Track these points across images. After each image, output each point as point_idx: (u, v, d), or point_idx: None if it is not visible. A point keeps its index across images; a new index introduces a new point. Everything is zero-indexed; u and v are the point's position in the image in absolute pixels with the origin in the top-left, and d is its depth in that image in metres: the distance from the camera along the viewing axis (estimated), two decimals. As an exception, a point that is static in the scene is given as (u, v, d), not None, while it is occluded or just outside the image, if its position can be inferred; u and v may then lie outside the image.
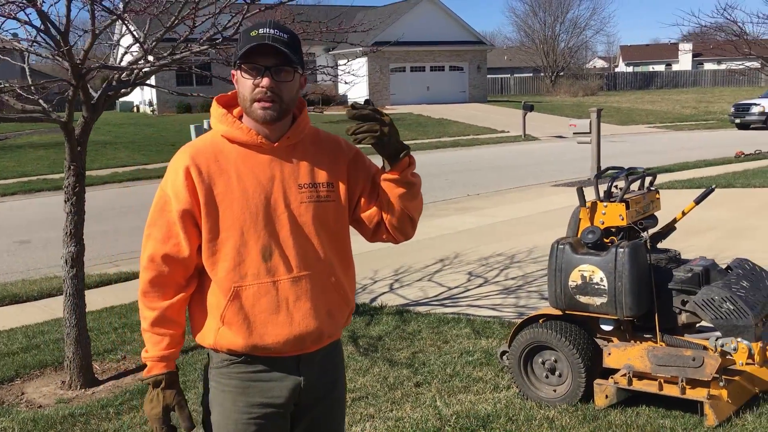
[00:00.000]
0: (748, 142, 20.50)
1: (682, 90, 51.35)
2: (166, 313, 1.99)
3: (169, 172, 1.99)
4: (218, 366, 2.01)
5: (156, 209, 1.99)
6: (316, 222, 1.99)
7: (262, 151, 1.98)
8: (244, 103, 1.95)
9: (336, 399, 2.13)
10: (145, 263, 2.00)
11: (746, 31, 12.57)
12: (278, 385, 1.99)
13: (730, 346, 3.40)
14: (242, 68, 1.92)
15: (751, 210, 9.50)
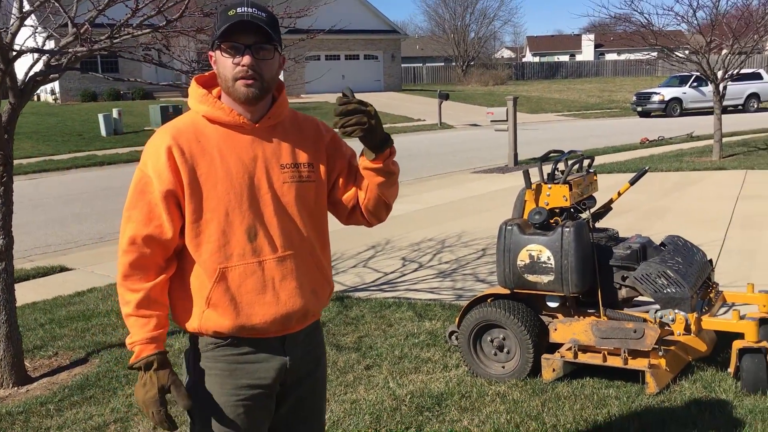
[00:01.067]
0: (650, 128, 21.57)
1: (585, 80, 53.32)
2: (150, 294, 1.94)
3: (148, 152, 1.95)
4: (203, 350, 1.99)
5: (136, 191, 1.95)
6: (299, 202, 2.00)
7: (243, 131, 1.97)
8: (226, 82, 1.93)
9: (319, 378, 2.15)
10: (125, 246, 1.95)
11: (652, 22, 13.17)
12: (265, 366, 1.99)
13: (669, 317, 3.61)
14: (222, 47, 1.91)
15: (662, 193, 10.03)
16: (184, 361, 2.08)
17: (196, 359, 2.00)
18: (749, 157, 13.32)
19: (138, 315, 1.94)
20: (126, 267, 1.95)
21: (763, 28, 13.11)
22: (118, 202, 11.21)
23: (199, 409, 2.00)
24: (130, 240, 1.94)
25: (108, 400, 3.97)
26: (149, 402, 1.92)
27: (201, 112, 1.97)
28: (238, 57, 1.89)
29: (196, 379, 2.00)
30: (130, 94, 34.30)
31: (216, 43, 1.92)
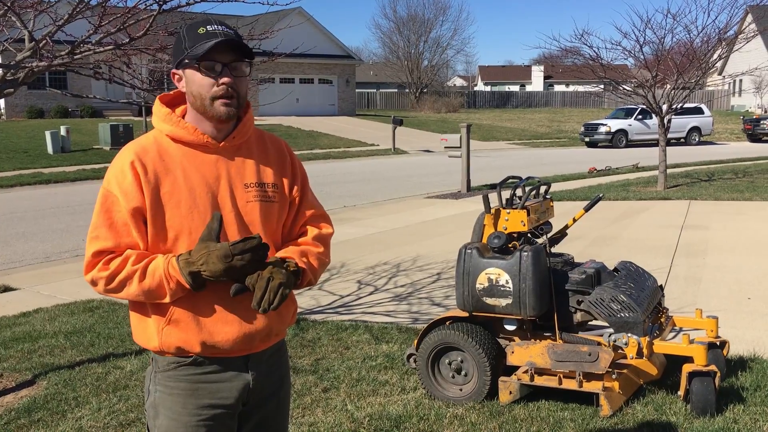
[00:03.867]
0: (598, 158, 22.15)
1: (535, 109, 54.54)
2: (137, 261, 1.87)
3: (113, 171, 1.93)
4: (165, 369, 1.97)
5: (102, 211, 1.92)
6: (263, 221, 2.00)
7: (207, 150, 1.96)
8: (201, 101, 1.91)
9: (283, 397, 2.14)
10: (90, 258, 1.89)
11: (600, 55, 13.61)
12: (227, 385, 1.98)
13: (622, 341, 3.70)
14: (199, 66, 1.89)
15: (609, 221, 10.29)
16: (145, 380, 2.04)
17: (158, 379, 1.98)
18: (692, 188, 13.79)
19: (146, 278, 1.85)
20: (103, 273, 1.87)
21: (705, 65, 13.67)
22: (65, 221, 11.03)
23: (160, 429, 1.97)
24: (96, 253, 1.89)
25: (57, 424, 3.85)
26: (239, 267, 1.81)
27: (164, 131, 1.96)
28: (218, 76, 1.89)
29: (157, 399, 1.97)
30: (78, 111, 33.63)
31: (186, 62, 1.90)
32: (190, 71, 1.91)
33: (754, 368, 4.32)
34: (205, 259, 1.81)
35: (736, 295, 6.19)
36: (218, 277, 1.82)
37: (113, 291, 1.88)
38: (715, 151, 26.18)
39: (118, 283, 1.86)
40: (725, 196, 12.46)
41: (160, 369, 1.97)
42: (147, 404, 2.01)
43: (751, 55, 32.17)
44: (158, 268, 1.85)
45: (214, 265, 1.80)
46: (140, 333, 1.98)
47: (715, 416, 3.63)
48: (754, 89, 44.61)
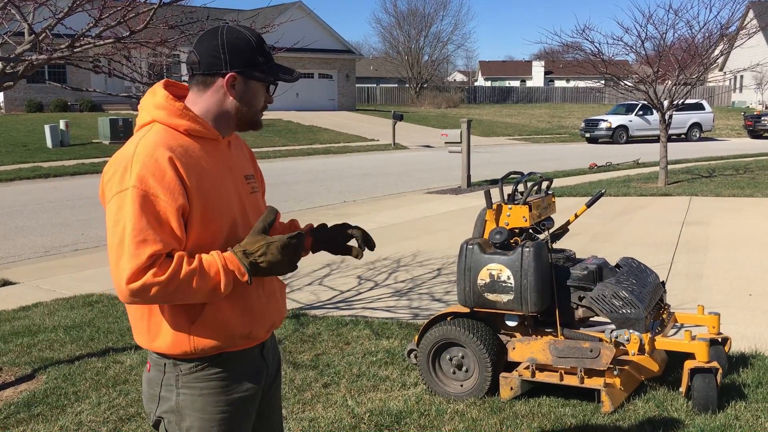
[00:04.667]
0: (598, 154, 22.11)
1: (536, 105, 54.46)
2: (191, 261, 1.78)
3: (148, 169, 1.77)
4: (190, 372, 1.91)
5: (144, 212, 1.75)
6: (259, 211, 2.06)
7: (217, 146, 1.97)
8: (250, 109, 1.95)
9: (280, 376, 2.23)
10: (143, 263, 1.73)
11: (602, 51, 13.57)
12: (251, 375, 2.00)
13: (624, 337, 3.69)
14: (270, 81, 1.96)
15: (610, 217, 10.27)
16: (153, 387, 1.95)
17: (181, 383, 1.91)
18: (693, 184, 13.77)
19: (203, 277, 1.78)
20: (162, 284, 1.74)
21: (706, 61, 13.63)
22: (64, 215, 11.03)
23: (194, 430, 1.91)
24: (150, 256, 1.73)
25: (56, 418, 3.84)
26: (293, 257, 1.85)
27: (179, 126, 1.89)
28: (268, 94, 1.99)
29: (182, 403, 1.91)
30: (77, 105, 33.57)
31: (256, 75, 1.92)
32: (256, 84, 1.94)
33: (755, 365, 4.31)
34: (265, 249, 1.81)
35: (738, 291, 6.18)
36: (276, 267, 1.83)
37: (166, 296, 1.76)
38: (716, 147, 26.16)
39: (176, 287, 1.75)
40: (726, 192, 12.44)
41: (185, 372, 1.90)
42: (161, 410, 1.93)
43: (753, 51, 32.10)
44: (213, 264, 1.79)
45: (274, 255, 1.81)
46: (159, 339, 1.89)
47: (716, 413, 3.62)
48: (755, 85, 44.55)
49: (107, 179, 1.82)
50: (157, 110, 1.89)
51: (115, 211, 1.77)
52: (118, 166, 1.80)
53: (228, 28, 1.92)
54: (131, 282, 1.72)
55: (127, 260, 1.73)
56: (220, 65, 1.88)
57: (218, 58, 1.88)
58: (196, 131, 1.90)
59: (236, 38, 1.90)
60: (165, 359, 1.92)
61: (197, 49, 1.91)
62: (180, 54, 8.86)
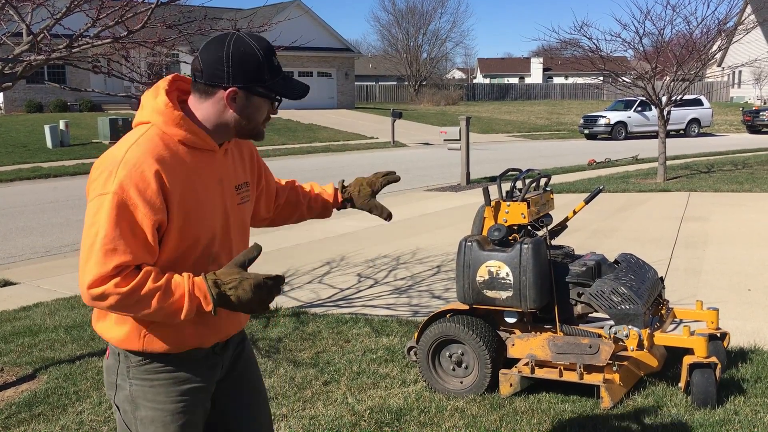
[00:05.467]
0: (597, 150, 22.14)
1: (534, 102, 54.45)
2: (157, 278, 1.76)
3: (131, 178, 1.75)
4: (139, 364, 1.92)
5: (119, 220, 1.74)
6: (246, 221, 2.11)
7: (212, 156, 1.94)
8: (251, 122, 1.91)
9: (248, 353, 2.19)
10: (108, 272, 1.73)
11: (600, 47, 13.57)
12: (205, 368, 2.00)
13: (623, 333, 3.71)
14: (275, 97, 1.91)
15: (609, 213, 10.28)
16: (108, 374, 1.97)
17: (132, 373, 1.93)
18: (692, 179, 13.78)
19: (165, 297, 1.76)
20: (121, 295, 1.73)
21: (705, 56, 13.64)
22: (65, 215, 11.02)
23: (143, 421, 1.94)
24: (116, 267, 1.72)
25: (57, 418, 3.85)
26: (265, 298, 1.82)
27: (175, 135, 1.85)
28: (273, 108, 1.94)
29: (134, 392, 1.93)
30: (77, 105, 33.57)
31: (260, 91, 1.87)
32: (259, 100, 1.88)
33: (754, 360, 4.32)
34: (237, 284, 1.77)
35: (737, 286, 6.20)
36: (245, 304, 1.79)
37: (124, 308, 1.75)
38: (715, 142, 26.15)
39: (135, 301, 1.74)
40: (725, 187, 12.45)
41: (134, 364, 1.92)
42: (118, 399, 1.95)
43: (751, 46, 32.10)
44: (180, 286, 1.77)
45: (245, 292, 1.78)
46: (113, 329, 1.90)
47: (715, 408, 3.63)
48: (753, 80, 44.56)
49: (92, 179, 1.80)
50: (156, 115, 1.86)
51: (93, 213, 1.75)
52: (104, 168, 1.79)
53: (236, 39, 1.84)
54: (92, 287, 1.73)
55: (93, 265, 1.72)
56: (223, 78, 1.83)
57: (221, 70, 1.82)
58: (191, 142, 1.87)
59: (242, 51, 1.82)
60: (119, 349, 1.93)
61: (202, 56, 1.85)
62: (179, 53, 8.84)
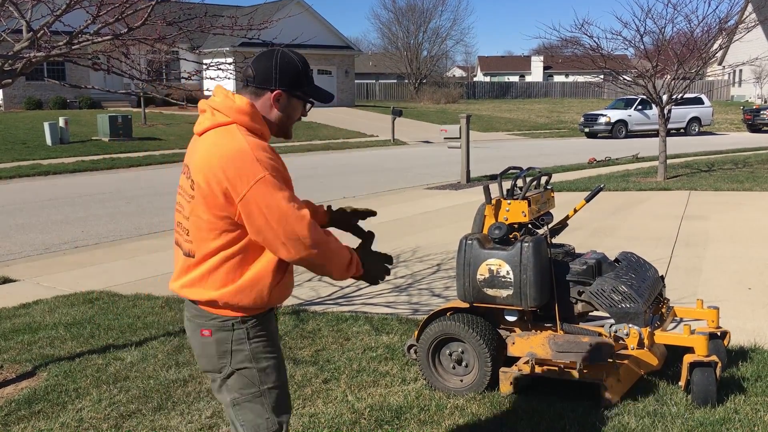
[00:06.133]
0: (597, 149, 22.13)
1: (535, 100, 54.43)
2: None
3: (264, 157, 2.17)
4: (253, 326, 2.31)
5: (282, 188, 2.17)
6: None
7: None
8: (288, 120, 2.36)
9: None
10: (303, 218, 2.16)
11: (601, 45, 13.55)
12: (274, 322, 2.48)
13: (623, 331, 3.70)
14: (309, 100, 2.37)
15: (609, 211, 10.28)
16: (230, 344, 2.29)
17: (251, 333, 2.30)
18: (692, 178, 13.77)
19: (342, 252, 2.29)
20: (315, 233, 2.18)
21: (705, 55, 13.62)
22: (64, 212, 11.02)
23: (273, 369, 2.35)
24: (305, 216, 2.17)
25: (57, 415, 3.85)
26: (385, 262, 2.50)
27: (257, 130, 2.27)
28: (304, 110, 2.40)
29: (256, 349, 2.31)
30: (77, 102, 33.55)
31: (298, 95, 2.33)
32: (296, 102, 2.34)
33: (754, 358, 4.32)
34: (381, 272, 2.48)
35: (737, 285, 6.19)
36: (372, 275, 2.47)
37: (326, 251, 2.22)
38: (715, 141, 26.15)
39: (335, 247, 2.25)
40: (725, 186, 12.45)
41: (251, 326, 2.30)
42: (236, 362, 2.29)
43: (752, 45, 32.12)
44: (344, 247, 2.31)
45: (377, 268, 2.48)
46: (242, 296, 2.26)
47: (715, 406, 3.63)
48: (754, 79, 44.53)
49: (233, 174, 2.14)
50: (241, 115, 2.25)
51: (262, 197, 2.13)
52: (240, 162, 2.15)
53: (282, 53, 2.29)
54: (310, 237, 2.16)
55: (296, 222, 2.14)
56: (271, 82, 2.28)
57: (270, 76, 2.28)
58: (263, 135, 2.29)
59: (287, 62, 2.29)
60: (232, 320, 2.28)
61: (254, 65, 2.30)
62: (179, 50, 8.73)
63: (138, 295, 6.33)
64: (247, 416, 2.33)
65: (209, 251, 2.24)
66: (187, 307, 2.38)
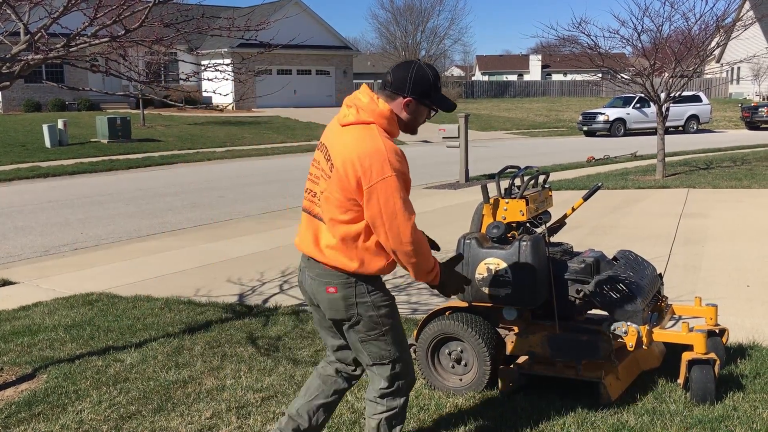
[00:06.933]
0: (596, 147, 22.14)
1: (533, 99, 54.44)
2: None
3: (397, 159, 2.63)
4: (373, 282, 2.80)
5: (403, 191, 2.64)
6: None
7: None
8: (413, 123, 2.81)
9: None
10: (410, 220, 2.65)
11: (598, 44, 13.56)
12: None
13: (621, 329, 3.70)
14: (433, 108, 2.80)
15: (608, 209, 10.29)
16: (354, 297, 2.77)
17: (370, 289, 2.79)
18: (690, 176, 13.78)
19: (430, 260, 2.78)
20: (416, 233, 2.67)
21: (703, 53, 13.64)
22: (64, 214, 11.01)
23: (386, 315, 2.82)
24: (414, 221, 2.66)
25: (57, 417, 3.86)
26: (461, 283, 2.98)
27: (392, 133, 2.75)
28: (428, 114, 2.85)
29: (375, 299, 2.79)
30: (75, 104, 33.56)
31: (427, 103, 2.77)
32: (423, 108, 2.78)
33: (753, 356, 4.33)
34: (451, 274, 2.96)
35: (736, 282, 6.20)
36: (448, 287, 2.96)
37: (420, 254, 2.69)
38: (714, 139, 26.17)
39: (426, 250, 2.72)
40: (724, 184, 12.46)
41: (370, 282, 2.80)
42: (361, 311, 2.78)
43: (749, 42, 32.11)
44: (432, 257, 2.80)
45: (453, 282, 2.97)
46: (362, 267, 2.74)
47: (714, 404, 3.64)
48: (752, 77, 44.54)
49: (367, 167, 2.60)
50: (381, 118, 2.71)
51: (384, 192, 2.59)
52: (375, 159, 2.60)
53: (418, 66, 2.75)
54: (410, 239, 2.63)
55: (402, 223, 2.61)
56: (404, 90, 2.72)
57: (404, 85, 2.72)
58: (394, 135, 2.76)
59: (420, 75, 2.72)
60: (356, 278, 2.76)
61: (393, 73, 2.75)
62: (177, 52, 8.73)
63: (138, 296, 6.33)
64: (371, 349, 2.84)
65: (338, 222, 2.69)
66: (309, 267, 2.83)
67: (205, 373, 4.41)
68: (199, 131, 27.80)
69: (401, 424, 2.94)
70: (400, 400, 2.91)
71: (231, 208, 12.13)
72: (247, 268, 7.46)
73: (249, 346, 4.91)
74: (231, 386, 4.19)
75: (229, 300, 6.22)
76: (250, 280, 6.95)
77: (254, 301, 6.13)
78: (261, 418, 3.75)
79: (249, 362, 4.58)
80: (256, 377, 4.32)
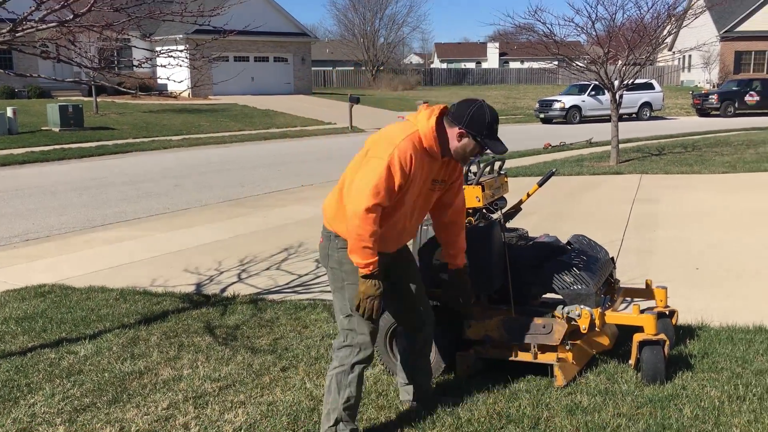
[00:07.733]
0: (552, 134, 22.41)
1: (491, 86, 54.78)
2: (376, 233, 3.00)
3: (400, 153, 2.98)
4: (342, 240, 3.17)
5: (387, 177, 2.95)
6: (429, 201, 3.31)
7: (435, 161, 3.16)
8: (461, 152, 3.16)
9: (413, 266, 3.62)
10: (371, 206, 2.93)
11: (554, 32, 13.71)
12: None
13: (575, 312, 3.78)
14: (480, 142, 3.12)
15: (563, 196, 10.45)
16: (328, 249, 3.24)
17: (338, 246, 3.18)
18: (643, 162, 14.07)
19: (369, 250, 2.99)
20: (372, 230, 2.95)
21: (655, 41, 13.89)
22: (14, 205, 10.72)
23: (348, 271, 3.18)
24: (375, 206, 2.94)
25: (9, 411, 3.78)
26: (377, 295, 3.05)
27: (426, 145, 3.09)
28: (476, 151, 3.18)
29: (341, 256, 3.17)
30: (25, 92, 32.64)
31: (478, 138, 3.11)
32: (475, 144, 3.13)
33: (701, 336, 4.46)
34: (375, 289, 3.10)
35: (685, 266, 6.37)
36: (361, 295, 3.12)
37: (358, 229, 2.94)
38: (666, 125, 26.72)
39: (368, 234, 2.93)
40: (675, 169, 12.75)
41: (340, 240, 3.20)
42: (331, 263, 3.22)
43: (700, 30, 32.82)
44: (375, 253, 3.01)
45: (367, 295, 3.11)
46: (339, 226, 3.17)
47: (664, 383, 3.74)
48: (702, 65, 45.55)
49: (376, 140, 3.09)
50: (423, 130, 3.08)
51: (374, 165, 2.96)
52: (388, 142, 3.02)
53: (480, 105, 3.13)
54: (365, 210, 2.91)
55: (366, 198, 2.92)
56: (461, 122, 3.10)
57: (462, 118, 3.10)
58: (430, 152, 3.11)
59: (479, 114, 3.11)
60: (331, 233, 3.18)
61: (458, 105, 3.15)
62: (130, 39, 8.57)
63: (91, 287, 6.22)
64: (335, 301, 3.24)
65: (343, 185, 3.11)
66: None
67: (162, 364, 4.37)
68: (154, 119, 27.31)
69: (353, 395, 3.19)
70: (352, 359, 3.17)
71: (188, 197, 11.97)
72: (205, 258, 7.38)
73: (206, 335, 4.87)
74: (188, 376, 4.15)
75: (186, 290, 6.15)
76: (207, 269, 6.88)
77: (212, 291, 6.08)
78: (219, 407, 3.73)
79: (206, 352, 4.55)
80: (213, 367, 4.29)
